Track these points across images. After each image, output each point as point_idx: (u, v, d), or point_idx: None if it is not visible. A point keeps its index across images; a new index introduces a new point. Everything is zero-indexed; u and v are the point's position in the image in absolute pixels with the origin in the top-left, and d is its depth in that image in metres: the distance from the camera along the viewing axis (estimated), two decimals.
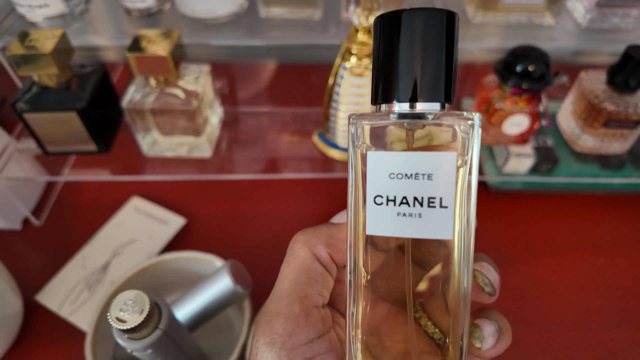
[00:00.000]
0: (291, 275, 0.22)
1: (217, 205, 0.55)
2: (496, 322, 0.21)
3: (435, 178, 0.19)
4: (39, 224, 0.53)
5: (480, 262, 0.21)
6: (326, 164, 0.54)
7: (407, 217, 0.20)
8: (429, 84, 0.19)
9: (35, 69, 0.41)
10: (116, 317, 0.26)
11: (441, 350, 0.22)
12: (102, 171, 0.54)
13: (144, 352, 0.28)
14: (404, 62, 0.19)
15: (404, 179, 0.19)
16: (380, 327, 0.22)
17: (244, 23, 0.51)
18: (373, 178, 0.20)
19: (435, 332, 0.22)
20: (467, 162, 0.19)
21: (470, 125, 0.19)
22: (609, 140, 0.50)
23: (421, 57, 0.19)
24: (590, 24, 0.50)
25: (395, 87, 0.19)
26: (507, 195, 0.56)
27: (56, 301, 0.46)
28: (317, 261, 0.22)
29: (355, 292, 0.21)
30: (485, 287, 0.21)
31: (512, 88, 0.46)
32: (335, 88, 0.47)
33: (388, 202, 0.20)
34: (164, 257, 0.42)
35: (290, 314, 0.21)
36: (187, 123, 0.47)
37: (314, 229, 0.23)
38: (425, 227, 0.19)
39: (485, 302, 0.22)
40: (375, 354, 0.22)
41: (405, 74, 0.19)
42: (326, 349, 0.21)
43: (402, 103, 0.19)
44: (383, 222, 0.20)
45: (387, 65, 0.19)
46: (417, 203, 0.19)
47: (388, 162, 0.20)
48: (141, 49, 0.43)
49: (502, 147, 0.54)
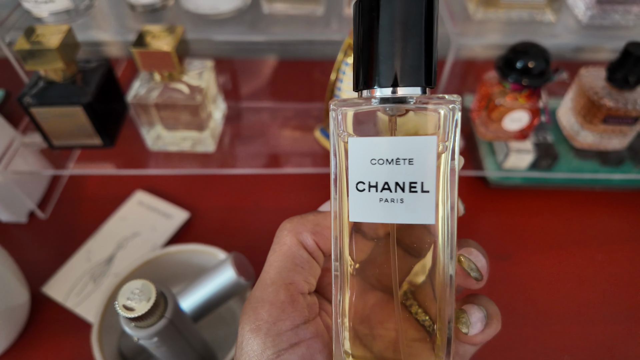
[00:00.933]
0: (277, 263, 0.22)
1: (220, 200, 0.55)
2: (485, 307, 0.21)
3: (416, 162, 0.19)
4: (45, 217, 0.54)
5: (468, 248, 0.21)
6: (328, 159, 0.55)
7: (389, 203, 0.20)
8: (409, 68, 0.19)
9: (41, 63, 0.42)
10: (123, 305, 0.27)
11: (431, 337, 0.22)
12: (106, 165, 0.55)
13: (150, 340, 0.29)
14: (384, 47, 0.19)
15: (385, 164, 0.19)
16: (371, 316, 0.22)
17: (247, 19, 0.52)
18: (355, 164, 0.20)
19: (426, 319, 0.22)
20: (447, 147, 0.19)
21: (451, 109, 0.19)
22: (608, 136, 0.51)
23: (401, 41, 0.19)
24: (591, 20, 0.50)
25: (376, 73, 0.19)
26: (507, 191, 0.56)
27: (62, 293, 0.46)
28: (303, 248, 0.22)
29: (342, 280, 0.21)
30: (471, 272, 0.21)
31: (513, 84, 0.47)
32: (337, 83, 0.47)
33: (370, 188, 0.20)
34: (168, 249, 0.42)
35: (275, 300, 0.21)
36: (191, 118, 0.47)
37: (301, 217, 0.23)
38: (407, 213, 0.20)
39: (473, 287, 0.22)
40: (366, 343, 0.22)
41: (385, 58, 0.19)
42: (312, 334, 0.21)
43: (384, 88, 0.19)
44: (366, 208, 0.20)
45: (367, 51, 0.19)
46: (399, 188, 0.19)
47: (369, 148, 0.20)
48: (146, 44, 0.43)
49: (502, 143, 0.55)
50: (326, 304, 0.23)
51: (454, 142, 0.19)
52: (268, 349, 0.20)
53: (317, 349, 0.21)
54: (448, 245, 0.20)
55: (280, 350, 0.20)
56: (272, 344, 0.20)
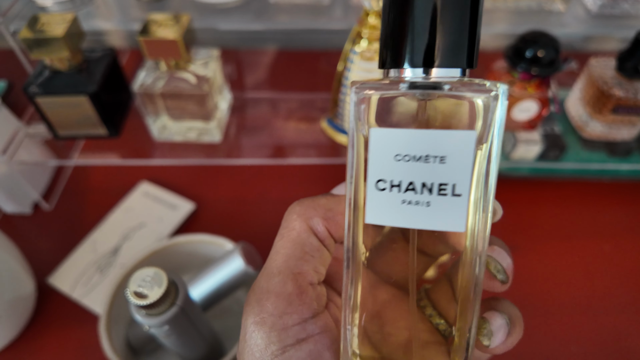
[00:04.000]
0: (285, 250, 0.20)
1: (225, 190, 0.55)
2: (507, 313, 0.19)
3: (448, 161, 0.17)
4: (49, 208, 0.53)
5: (492, 246, 0.20)
6: (334, 150, 0.54)
7: (413, 206, 0.17)
8: (449, 44, 0.16)
9: (47, 52, 0.42)
10: (135, 292, 0.27)
11: (447, 341, 0.20)
12: (111, 155, 0.55)
13: (160, 328, 0.29)
14: (419, 19, 0.16)
15: (412, 161, 0.17)
16: (383, 313, 0.20)
17: (252, 8, 0.51)
18: (376, 159, 0.17)
19: (441, 322, 0.20)
20: (487, 142, 0.17)
21: (494, 98, 0.16)
22: (617, 126, 0.50)
23: (440, 12, 0.16)
24: (601, 10, 0.50)
25: (408, 49, 0.16)
26: (515, 182, 0.56)
27: (68, 283, 0.46)
28: (314, 235, 0.20)
29: (354, 272, 0.20)
30: (498, 274, 0.19)
31: (522, 74, 0.46)
32: (345, 73, 0.47)
33: (392, 187, 0.17)
34: (176, 239, 0.42)
35: (282, 291, 0.19)
36: (197, 108, 0.47)
37: (312, 199, 0.21)
38: (433, 218, 0.17)
39: (496, 290, 0.20)
40: (375, 341, 0.20)
41: (421, 32, 0.16)
42: (320, 329, 0.19)
43: (416, 68, 0.17)
44: (385, 210, 0.18)
45: (398, 23, 0.17)
46: (426, 190, 0.17)
47: (394, 141, 0.17)
48: (152, 33, 0.43)
49: (509, 133, 0.54)
50: (334, 294, 0.22)
51: (494, 137, 0.17)
52: (273, 344, 0.18)
53: (325, 344, 0.19)
54: (478, 249, 0.18)
55: (285, 346, 0.18)
56: (278, 338, 0.18)
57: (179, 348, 0.33)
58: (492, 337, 0.19)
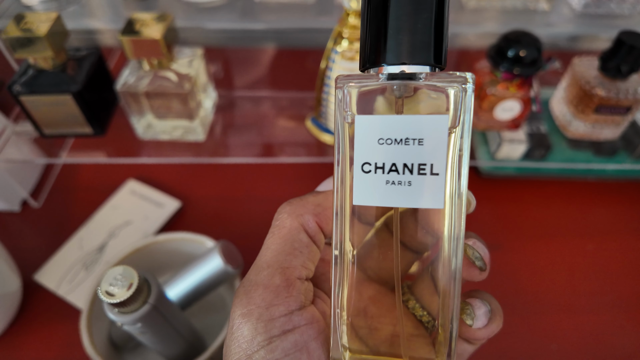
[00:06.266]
0: (274, 246, 0.21)
1: (212, 189, 0.55)
2: (487, 302, 0.20)
3: (426, 143, 0.18)
4: (37, 206, 0.54)
5: (470, 239, 0.21)
6: (320, 149, 0.55)
7: (396, 186, 0.19)
8: (419, 44, 0.18)
9: (30, 51, 0.42)
10: (106, 291, 0.27)
11: (430, 333, 0.21)
12: (99, 154, 0.55)
13: (133, 325, 0.29)
14: (393, 22, 0.18)
15: (394, 144, 0.19)
16: (368, 308, 0.21)
17: (238, 6, 0.51)
18: (361, 144, 0.19)
19: (424, 315, 0.21)
20: (458, 125, 0.18)
21: (463, 88, 0.18)
22: (600, 126, 0.50)
23: (411, 16, 0.18)
24: (585, 9, 0.50)
25: (384, 49, 0.18)
26: (500, 181, 0.56)
27: (54, 280, 0.47)
28: (304, 232, 0.21)
29: (341, 269, 0.21)
30: (476, 260, 0.20)
31: (504, 73, 0.47)
32: (327, 72, 0.47)
33: (376, 169, 0.19)
34: (157, 238, 0.43)
35: (269, 284, 0.20)
36: (181, 106, 0.47)
37: (300, 198, 0.22)
38: (415, 196, 0.19)
39: (475, 279, 0.21)
40: (362, 336, 0.21)
41: (394, 33, 0.18)
42: (307, 321, 0.20)
43: (392, 66, 0.18)
44: (371, 191, 0.19)
45: (374, 28, 0.18)
46: (407, 170, 0.19)
47: (377, 126, 0.19)
48: (134, 32, 0.43)
49: (495, 132, 0.54)
50: (321, 293, 0.22)
51: (464, 121, 0.18)
52: (259, 335, 0.19)
53: (311, 335, 0.20)
54: (455, 235, 0.19)
55: (272, 336, 0.19)
56: (264, 329, 0.19)
57: (155, 345, 0.33)
58: (475, 318, 0.20)
